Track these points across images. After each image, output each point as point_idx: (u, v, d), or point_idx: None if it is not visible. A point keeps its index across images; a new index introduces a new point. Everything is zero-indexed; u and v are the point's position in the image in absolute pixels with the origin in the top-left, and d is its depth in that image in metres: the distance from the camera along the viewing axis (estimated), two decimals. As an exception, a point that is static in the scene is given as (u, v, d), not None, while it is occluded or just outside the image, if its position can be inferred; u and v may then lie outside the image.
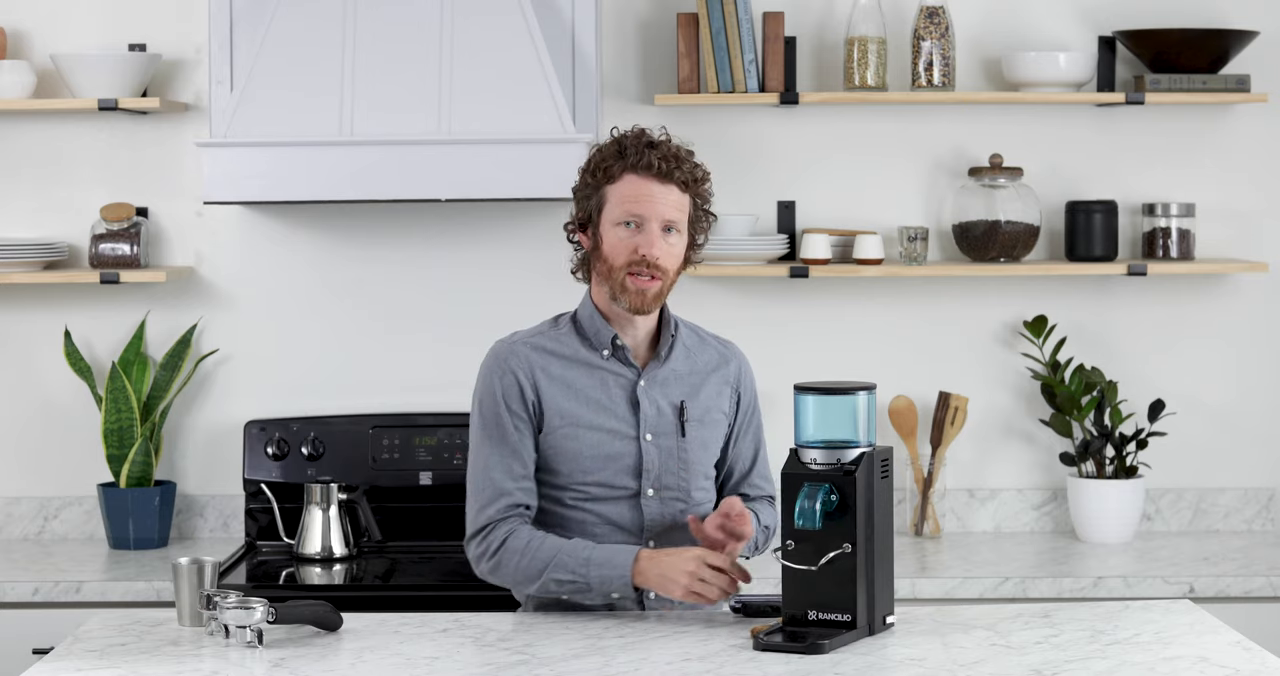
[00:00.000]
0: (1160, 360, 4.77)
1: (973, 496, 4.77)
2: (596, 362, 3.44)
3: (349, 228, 4.71)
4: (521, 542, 3.35)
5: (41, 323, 4.69)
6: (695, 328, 3.55)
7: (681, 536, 3.44)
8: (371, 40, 4.35)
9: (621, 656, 3.11)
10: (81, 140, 4.68)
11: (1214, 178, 4.76)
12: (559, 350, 3.44)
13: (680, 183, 3.35)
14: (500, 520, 3.38)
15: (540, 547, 3.34)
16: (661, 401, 3.44)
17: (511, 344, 3.46)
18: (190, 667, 3.06)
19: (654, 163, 3.33)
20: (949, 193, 4.72)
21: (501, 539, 3.36)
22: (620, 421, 3.42)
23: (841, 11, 4.69)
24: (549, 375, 3.42)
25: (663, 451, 3.43)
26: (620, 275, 3.36)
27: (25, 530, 4.72)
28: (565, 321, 3.48)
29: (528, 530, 3.37)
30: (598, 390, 3.42)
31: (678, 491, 3.44)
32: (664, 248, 3.35)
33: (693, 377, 3.47)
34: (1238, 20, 4.70)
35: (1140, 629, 3.29)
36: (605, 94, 4.65)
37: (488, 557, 3.38)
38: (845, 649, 3.13)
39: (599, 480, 3.41)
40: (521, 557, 3.34)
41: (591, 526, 3.42)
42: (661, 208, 3.34)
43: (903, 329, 4.75)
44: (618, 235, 3.36)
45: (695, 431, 3.45)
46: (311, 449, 4.60)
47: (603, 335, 3.43)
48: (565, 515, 3.43)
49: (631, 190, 3.35)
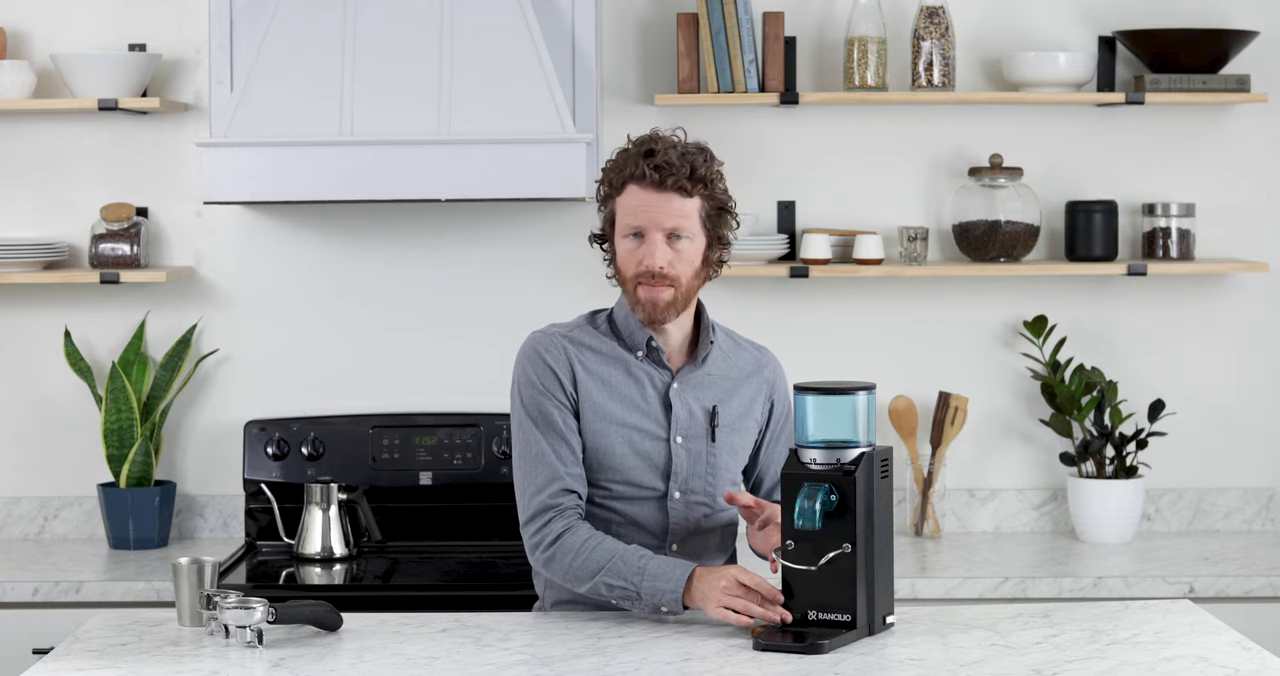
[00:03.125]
0: (1160, 360, 4.77)
1: (973, 496, 4.77)
2: (631, 361, 3.43)
3: (349, 228, 4.71)
4: (579, 540, 3.31)
5: (41, 323, 4.69)
6: (731, 333, 3.54)
7: (704, 542, 3.45)
8: (371, 40, 4.35)
9: (621, 656, 3.11)
10: (81, 140, 4.68)
11: (1214, 178, 4.76)
12: (596, 346, 3.43)
13: (678, 189, 3.32)
14: (556, 507, 3.34)
15: (597, 548, 3.30)
16: (694, 405, 3.43)
17: (549, 335, 3.44)
18: (190, 667, 3.06)
19: (647, 173, 3.32)
20: (949, 193, 4.72)
21: (558, 533, 3.33)
22: (652, 422, 3.41)
23: (841, 11, 4.69)
24: (586, 368, 3.40)
25: (692, 455, 3.42)
26: (631, 286, 3.37)
27: (25, 530, 4.72)
28: (602, 319, 3.47)
29: (586, 528, 3.34)
30: (632, 389, 3.41)
31: (703, 495, 3.44)
32: (669, 255, 3.34)
33: (727, 383, 3.47)
34: (1238, 20, 4.70)
35: (1140, 629, 3.29)
36: (605, 94, 4.65)
37: (543, 548, 3.34)
38: (845, 649, 3.13)
39: (627, 479, 3.41)
40: (576, 556, 3.31)
41: (615, 526, 3.41)
42: (660, 217, 3.33)
43: (903, 329, 4.75)
44: (625, 247, 3.37)
45: (725, 437, 3.44)
46: (311, 449, 4.60)
47: (637, 336, 3.42)
48: (591, 512, 3.42)
49: (632, 202, 3.35)
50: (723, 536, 3.50)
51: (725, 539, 3.51)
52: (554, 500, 3.35)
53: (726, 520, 3.48)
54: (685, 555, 3.43)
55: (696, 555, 3.45)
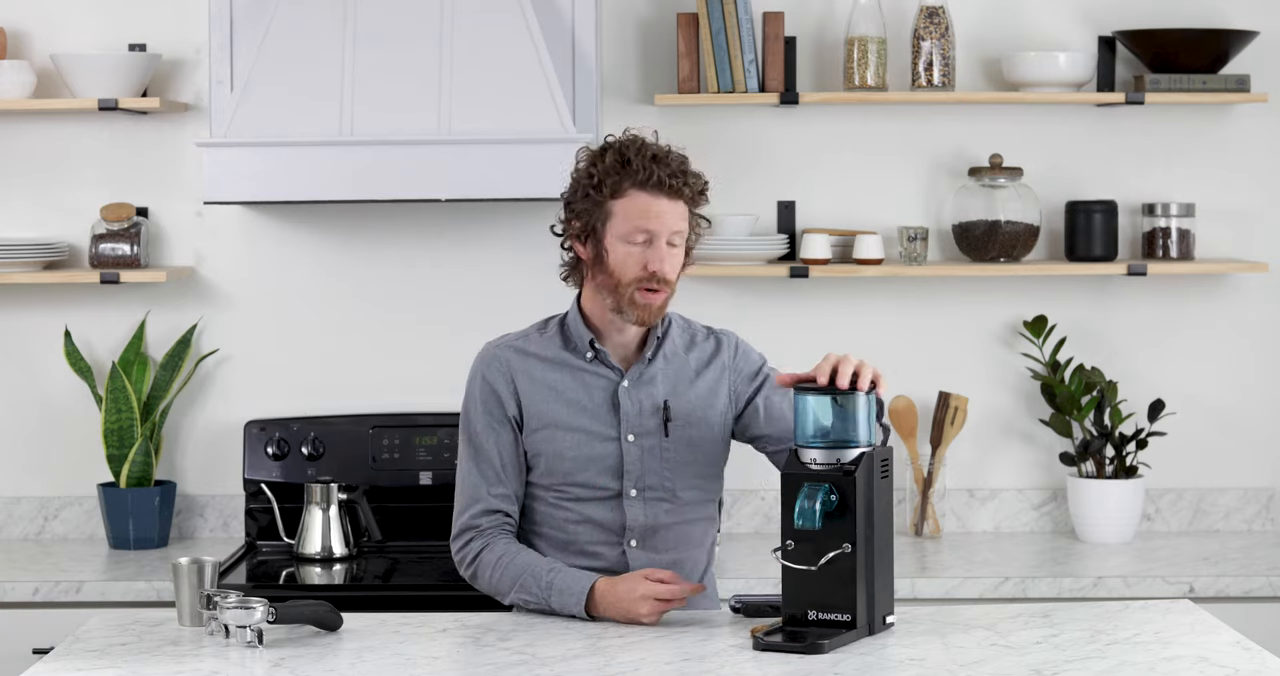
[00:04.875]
0: (1160, 360, 4.77)
1: (973, 496, 4.77)
2: (579, 365, 3.45)
3: (349, 227, 4.71)
4: (494, 557, 3.41)
5: (41, 323, 4.69)
6: (689, 324, 3.54)
7: (665, 538, 3.45)
8: (371, 40, 4.35)
9: (621, 656, 3.11)
10: (81, 140, 4.69)
11: (1214, 178, 4.76)
12: (541, 352, 3.46)
13: (688, 198, 3.37)
14: (475, 528, 3.44)
15: (510, 564, 3.39)
16: (645, 401, 3.44)
17: (495, 348, 3.49)
18: (190, 667, 3.06)
19: (664, 180, 3.34)
20: (949, 193, 4.72)
21: (477, 551, 3.43)
22: (601, 422, 3.43)
23: (841, 11, 4.69)
24: (530, 377, 3.44)
25: (645, 451, 3.43)
26: (629, 290, 3.36)
27: (25, 530, 4.72)
28: (554, 324, 3.50)
29: (503, 543, 3.42)
30: (579, 392, 3.44)
31: (662, 492, 3.44)
32: (671, 261, 3.36)
33: (683, 376, 3.47)
34: (1238, 20, 4.70)
35: (1140, 629, 3.29)
36: (605, 94, 4.65)
37: (465, 566, 3.46)
38: (845, 649, 3.13)
39: (580, 481, 3.43)
40: (493, 572, 3.40)
41: (574, 526, 3.44)
42: (671, 222, 3.35)
43: (903, 329, 4.75)
44: (626, 251, 3.36)
45: (682, 431, 3.44)
46: (311, 449, 4.60)
47: (582, 339, 3.44)
48: (549, 514, 3.46)
49: (641, 207, 3.34)
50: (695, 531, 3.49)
51: (699, 533, 3.50)
52: (474, 521, 3.45)
53: (695, 515, 3.48)
54: (651, 552, 3.44)
55: (665, 551, 3.45)
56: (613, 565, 3.43)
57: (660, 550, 3.45)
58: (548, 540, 3.47)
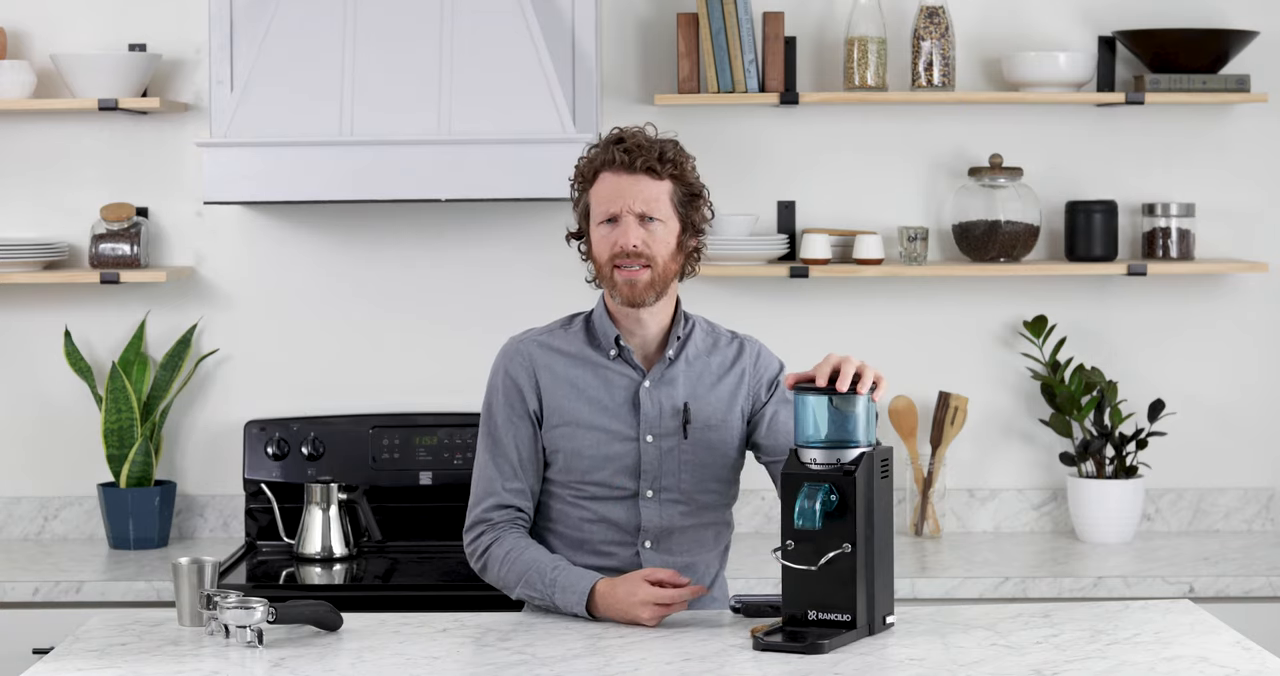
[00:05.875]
0: (1160, 360, 4.77)
1: (973, 496, 4.77)
2: (602, 362, 3.45)
3: (349, 227, 4.71)
4: (503, 551, 3.41)
5: (41, 323, 4.69)
6: (713, 328, 3.54)
7: (680, 540, 3.45)
8: (371, 40, 4.35)
9: (621, 656, 3.11)
10: (81, 140, 4.69)
11: (1214, 178, 4.76)
12: (565, 348, 3.46)
13: (647, 170, 3.35)
14: (487, 521, 3.44)
15: (518, 559, 3.39)
16: (665, 402, 3.44)
17: (519, 342, 3.49)
18: (190, 667, 3.06)
19: (617, 157, 3.35)
20: (949, 193, 4.72)
21: (487, 544, 3.43)
22: (620, 422, 3.42)
23: (841, 11, 4.69)
24: (552, 373, 3.44)
25: (663, 452, 3.43)
26: (608, 270, 3.38)
27: (25, 530, 4.72)
28: (579, 321, 3.50)
29: (512, 538, 3.42)
30: (600, 390, 3.43)
31: (678, 493, 3.44)
32: (643, 235, 3.35)
33: (704, 379, 3.46)
34: (1238, 20, 4.70)
35: (1140, 629, 3.29)
36: (605, 94, 4.65)
37: (475, 558, 3.47)
38: (845, 649, 3.13)
39: (596, 479, 3.42)
40: (501, 566, 3.41)
41: (589, 525, 3.44)
42: (631, 200, 3.35)
43: (903, 329, 4.75)
44: (600, 234, 3.38)
45: (700, 434, 3.44)
46: (311, 449, 4.60)
47: (608, 335, 3.43)
48: (565, 511, 3.46)
49: (605, 188, 3.37)
50: (709, 535, 3.50)
51: (713, 537, 3.51)
52: (486, 515, 3.45)
53: (711, 518, 3.48)
54: (665, 554, 3.44)
55: (679, 554, 3.45)
56: (625, 566, 3.43)
57: (674, 552, 3.45)
58: (562, 538, 3.47)
